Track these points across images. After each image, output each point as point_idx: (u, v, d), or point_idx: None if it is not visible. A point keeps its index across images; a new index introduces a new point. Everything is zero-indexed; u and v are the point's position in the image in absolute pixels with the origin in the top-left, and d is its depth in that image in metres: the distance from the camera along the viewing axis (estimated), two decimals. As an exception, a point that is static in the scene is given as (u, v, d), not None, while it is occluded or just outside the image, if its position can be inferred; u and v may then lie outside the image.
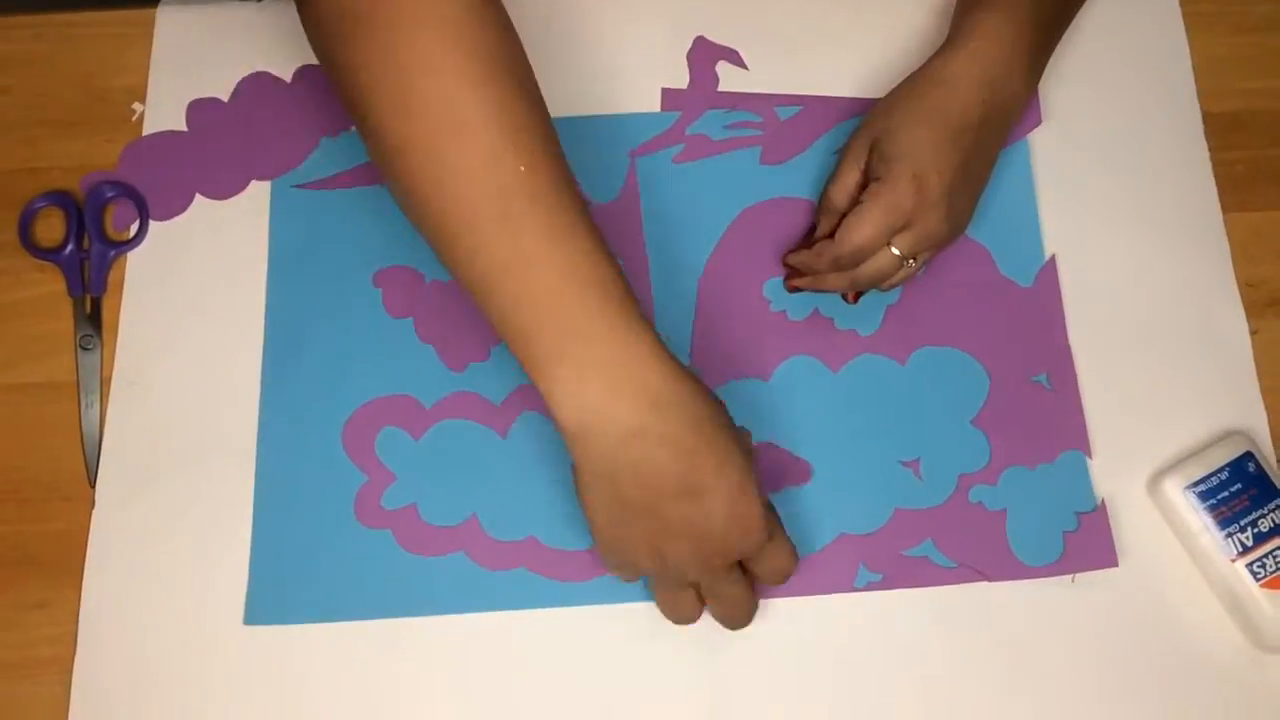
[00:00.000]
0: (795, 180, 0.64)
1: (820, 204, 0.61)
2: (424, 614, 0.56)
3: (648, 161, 0.64)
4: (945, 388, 0.60)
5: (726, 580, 0.51)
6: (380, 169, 0.50)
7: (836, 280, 0.58)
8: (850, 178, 0.59)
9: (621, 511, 0.49)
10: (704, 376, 0.58)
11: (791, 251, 0.61)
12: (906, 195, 0.55)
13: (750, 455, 0.50)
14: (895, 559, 0.57)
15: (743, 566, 0.52)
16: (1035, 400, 0.60)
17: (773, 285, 0.62)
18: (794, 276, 0.61)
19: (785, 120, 0.65)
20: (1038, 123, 0.64)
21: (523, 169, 0.47)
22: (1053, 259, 0.62)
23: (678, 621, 0.54)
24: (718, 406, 0.50)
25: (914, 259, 0.57)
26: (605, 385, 0.47)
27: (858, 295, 0.61)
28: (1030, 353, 0.61)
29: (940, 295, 0.62)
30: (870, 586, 0.56)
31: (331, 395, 0.59)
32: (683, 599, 0.53)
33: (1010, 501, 0.58)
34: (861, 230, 0.56)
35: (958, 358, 0.61)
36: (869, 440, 0.59)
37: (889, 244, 0.56)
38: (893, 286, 0.59)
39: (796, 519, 0.57)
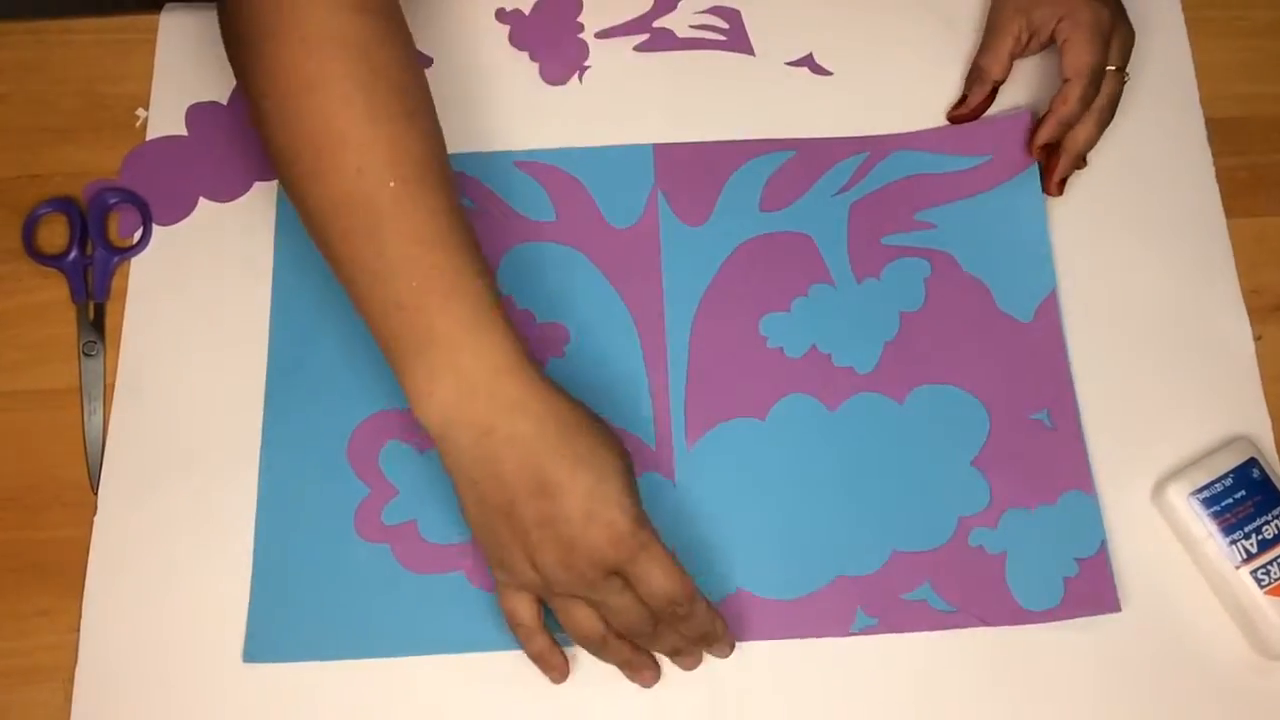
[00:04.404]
0: (791, 218, 0.63)
1: (971, 75, 0.65)
2: (424, 649, 0.55)
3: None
4: (944, 427, 0.59)
5: (608, 589, 0.49)
6: (279, 178, 0.53)
7: (1087, 131, 0.62)
8: (1004, 47, 0.63)
9: (486, 514, 0.50)
10: (698, 417, 0.59)
11: (1037, 130, 0.63)
12: (1101, 10, 0.61)
13: (618, 461, 0.50)
14: (893, 602, 0.56)
15: None
16: (1036, 439, 0.59)
17: (769, 321, 0.61)
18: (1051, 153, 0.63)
19: (782, 165, 0.64)
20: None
21: (393, 184, 0.50)
22: (1054, 293, 0.62)
23: (583, 639, 0.52)
24: (580, 413, 0.50)
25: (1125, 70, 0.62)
26: (456, 388, 0.49)
27: (1062, 185, 0.63)
28: (1030, 390, 0.60)
29: (938, 332, 0.61)
30: (866, 631, 0.55)
31: (337, 406, 0.59)
32: (575, 611, 0.51)
33: (1010, 544, 0.57)
34: (1087, 53, 0.60)
35: (957, 396, 0.60)
36: (867, 481, 0.58)
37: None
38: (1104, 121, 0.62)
39: (794, 559, 0.57)
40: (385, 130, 0.50)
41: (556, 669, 0.53)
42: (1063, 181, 0.63)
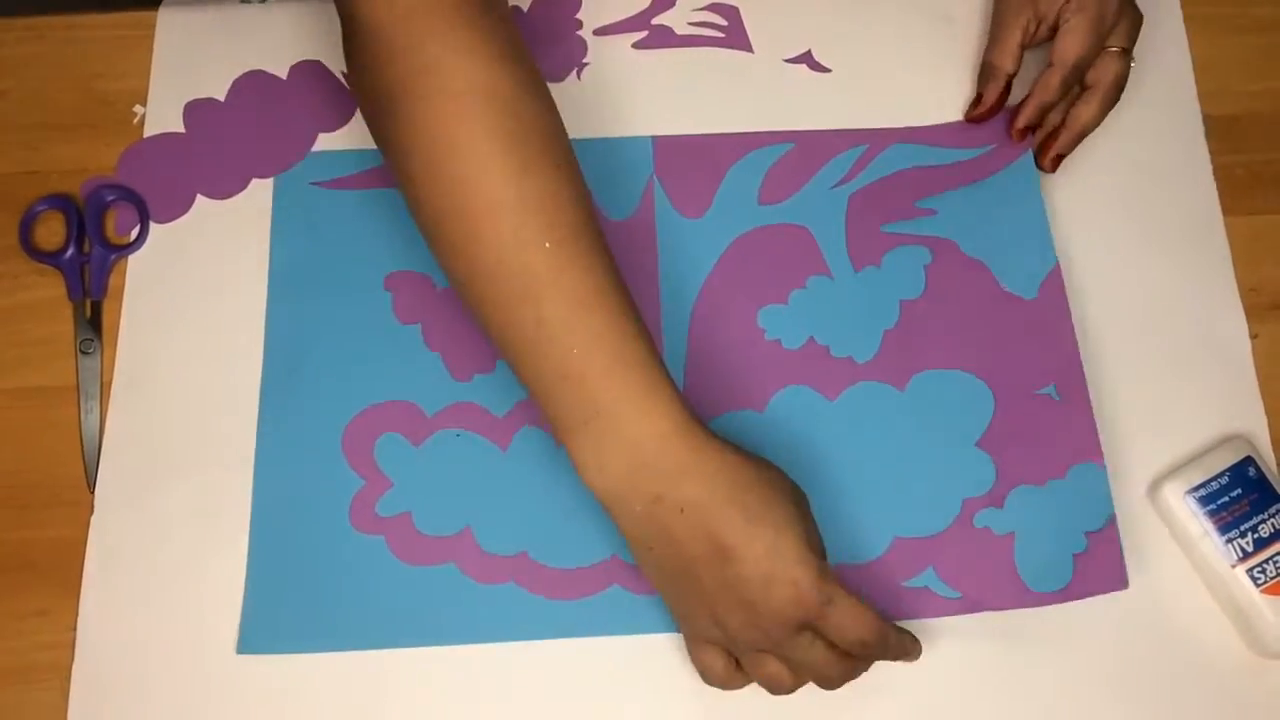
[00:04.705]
0: (790, 210, 0.63)
1: (983, 73, 0.65)
2: (416, 640, 0.55)
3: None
4: (947, 410, 0.59)
5: (796, 645, 0.48)
6: (424, 237, 0.52)
7: (1091, 110, 0.62)
8: (1013, 39, 0.63)
9: (666, 578, 0.50)
10: (696, 409, 0.56)
11: (1016, 114, 0.64)
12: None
13: (793, 511, 0.48)
14: (894, 590, 0.55)
15: None
16: (1043, 413, 0.59)
17: (767, 313, 0.61)
18: (1036, 136, 0.64)
19: (781, 157, 0.64)
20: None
21: (548, 245, 0.48)
22: (1057, 267, 0.61)
23: (773, 689, 0.50)
24: (748, 467, 0.49)
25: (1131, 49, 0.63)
26: (625, 456, 0.48)
27: (1057, 162, 0.63)
28: (1036, 365, 0.59)
29: (940, 317, 0.61)
30: None
31: (333, 398, 0.59)
32: (766, 665, 0.50)
33: (1018, 524, 0.56)
34: (1079, 44, 0.61)
35: (959, 378, 0.59)
36: (866, 469, 0.58)
37: (1106, 47, 0.62)
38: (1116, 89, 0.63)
39: None
40: (534, 188, 0.49)
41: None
42: (1059, 159, 0.63)
